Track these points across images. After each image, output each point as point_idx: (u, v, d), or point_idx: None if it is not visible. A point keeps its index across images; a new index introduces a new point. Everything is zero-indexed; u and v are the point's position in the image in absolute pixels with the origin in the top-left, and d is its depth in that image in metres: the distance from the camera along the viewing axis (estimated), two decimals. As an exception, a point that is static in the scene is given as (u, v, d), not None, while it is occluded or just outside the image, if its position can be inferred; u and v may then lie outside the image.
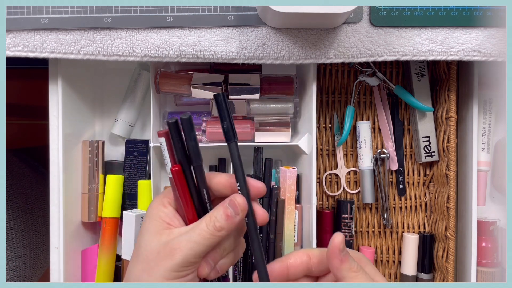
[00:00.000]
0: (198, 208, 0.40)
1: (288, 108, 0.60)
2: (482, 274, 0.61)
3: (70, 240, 0.57)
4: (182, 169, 0.39)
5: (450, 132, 0.59)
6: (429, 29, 0.51)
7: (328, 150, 0.66)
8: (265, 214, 0.40)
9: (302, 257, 0.40)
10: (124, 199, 0.62)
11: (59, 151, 0.55)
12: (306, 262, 0.40)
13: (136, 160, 0.63)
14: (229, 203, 0.39)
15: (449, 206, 0.59)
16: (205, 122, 0.59)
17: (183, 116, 0.37)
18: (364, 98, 0.66)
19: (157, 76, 0.59)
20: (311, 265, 0.40)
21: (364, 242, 0.67)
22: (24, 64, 1.00)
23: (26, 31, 0.50)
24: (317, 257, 0.40)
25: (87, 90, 0.62)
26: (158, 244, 0.38)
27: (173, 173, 0.39)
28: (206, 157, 0.64)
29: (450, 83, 0.58)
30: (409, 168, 0.66)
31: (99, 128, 0.65)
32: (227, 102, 0.38)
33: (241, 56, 0.51)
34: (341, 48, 0.51)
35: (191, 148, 0.38)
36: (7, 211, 0.71)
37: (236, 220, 0.38)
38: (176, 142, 0.38)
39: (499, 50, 0.51)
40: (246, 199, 0.39)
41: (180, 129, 0.38)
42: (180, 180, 0.39)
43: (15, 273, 0.71)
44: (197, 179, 0.40)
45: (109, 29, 0.51)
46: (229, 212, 0.38)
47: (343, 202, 0.63)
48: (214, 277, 0.40)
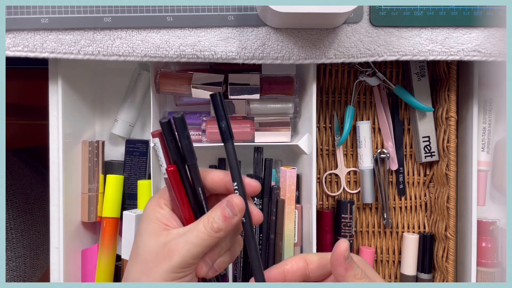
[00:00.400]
0: (194, 207, 0.40)
1: (288, 108, 0.60)
2: (482, 274, 0.61)
3: (70, 240, 0.57)
4: (177, 169, 0.39)
5: (450, 132, 0.59)
6: (429, 29, 0.51)
7: (328, 150, 0.66)
8: (260, 214, 0.40)
9: (299, 263, 0.40)
10: (124, 199, 0.62)
11: (59, 151, 0.55)
12: (303, 268, 0.40)
13: (136, 160, 0.63)
14: (226, 203, 0.39)
15: (449, 206, 0.59)
16: (205, 122, 0.59)
17: (176, 115, 0.38)
18: (364, 98, 0.66)
19: (157, 76, 0.59)
20: (308, 271, 0.40)
21: (364, 242, 0.67)
22: (24, 64, 0.99)
23: (26, 31, 0.50)
24: (315, 263, 0.40)
25: (87, 90, 0.62)
26: (157, 246, 0.38)
27: (168, 173, 0.39)
28: (206, 157, 0.64)
29: (450, 83, 0.58)
30: (409, 168, 0.66)
31: (99, 128, 0.65)
32: (223, 102, 0.38)
33: (241, 56, 0.51)
34: (341, 48, 0.51)
35: (185, 146, 0.38)
36: (7, 211, 0.71)
37: (234, 221, 0.38)
38: (170, 141, 0.38)
39: (499, 50, 0.51)
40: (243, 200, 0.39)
41: (174, 129, 0.38)
42: (176, 180, 0.39)
43: (15, 273, 0.71)
44: (192, 177, 0.40)
45: (109, 29, 0.51)
46: (226, 213, 0.38)
47: (343, 202, 0.63)
48: (212, 276, 0.41)
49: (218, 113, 0.38)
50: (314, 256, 0.40)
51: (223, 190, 0.41)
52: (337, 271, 0.37)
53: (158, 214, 0.40)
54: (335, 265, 0.37)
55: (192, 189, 0.40)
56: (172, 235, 0.39)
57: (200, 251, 0.38)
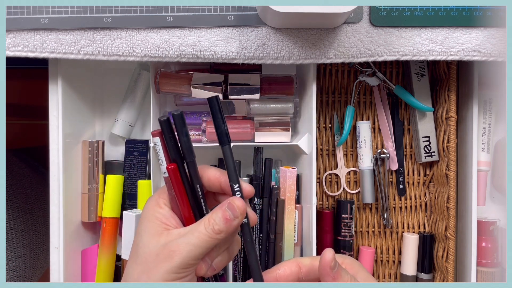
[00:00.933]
0: (193, 205, 0.41)
1: (288, 108, 0.60)
2: (482, 274, 0.61)
3: (70, 240, 0.57)
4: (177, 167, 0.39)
5: (450, 132, 0.59)
6: (429, 29, 0.51)
7: (328, 150, 0.66)
8: (255, 216, 0.41)
9: (291, 267, 0.40)
10: (124, 199, 0.62)
11: (59, 151, 0.55)
12: (296, 272, 0.40)
13: (136, 160, 0.63)
14: (227, 206, 0.39)
15: (449, 206, 0.59)
16: (205, 122, 0.59)
17: (175, 112, 0.38)
18: (364, 98, 0.66)
19: (157, 76, 0.59)
20: (301, 275, 0.40)
21: (364, 242, 0.67)
22: (24, 64, 0.99)
23: (26, 31, 0.50)
24: (307, 267, 0.40)
25: (87, 90, 0.62)
26: (157, 246, 0.38)
27: (169, 171, 0.39)
28: (206, 157, 0.64)
29: (450, 83, 0.58)
30: (409, 168, 0.66)
31: (99, 128, 0.65)
32: (221, 105, 0.39)
33: (241, 56, 0.51)
34: (341, 48, 0.51)
35: (183, 143, 0.39)
36: (7, 211, 0.71)
37: (235, 223, 0.39)
38: (169, 139, 0.38)
39: (499, 50, 0.51)
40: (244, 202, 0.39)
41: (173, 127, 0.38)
42: (176, 178, 0.39)
43: (15, 273, 0.71)
44: (191, 175, 0.40)
45: (109, 29, 0.51)
46: (228, 215, 0.38)
47: (343, 202, 0.63)
48: (210, 275, 0.41)
49: (215, 116, 0.39)
50: (306, 260, 0.41)
51: (218, 189, 0.41)
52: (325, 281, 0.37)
53: (158, 213, 0.40)
54: (323, 275, 0.37)
55: (191, 187, 0.40)
56: (173, 236, 0.39)
57: (201, 252, 0.38)
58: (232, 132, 0.58)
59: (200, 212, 0.41)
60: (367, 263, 0.65)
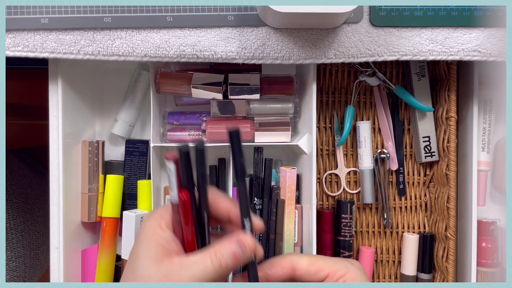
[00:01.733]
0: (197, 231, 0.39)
1: (288, 108, 0.60)
2: (482, 274, 0.61)
3: (70, 240, 0.57)
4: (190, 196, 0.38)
5: (450, 132, 0.59)
6: (429, 29, 0.51)
7: (328, 150, 0.66)
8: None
9: (284, 269, 0.39)
10: (124, 199, 0.62)
11: (59, 151, 0.55)
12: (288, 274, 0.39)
13: (136, 160, 0.63)
14: (238, 242, 0.37)
15: (449, 206, 0.59)
16: (205, 122, 0.59)
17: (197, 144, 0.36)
18: (364, 98, 0.66)
19: (157, 76, 0.59)
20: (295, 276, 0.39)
21: (364, 242, 0.67)
22: (24, 64, 0.99)
23: (26, 31, 0.50)
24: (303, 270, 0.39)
25: (87, 90, 0.62)
26: (157, 275, 0.36)
27: (181, 201, 0.37)
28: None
29: (450, 83, 0.58)
30: (409, 168, 0.66)
31: (99, 128, 0.65)
32: (241, 140, 0.37)
33: (241, 56, 0.51)
34: (341, 48, 0.51)
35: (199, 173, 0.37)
36: (7, 211, 0.71)
37: (243, 259, 0.37)
38: (185, 168, 0.37)
39: (499, 50, 0.51)
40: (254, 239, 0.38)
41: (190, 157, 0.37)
42: (188, 207, 0.38)
43: (15, 273, 0.71)
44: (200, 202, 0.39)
45: (109, 29, 0.51)
46: (237, 252, 0.37)
47: (343, 202, 0.63)
48: None
49: (235, 151, 0.37)
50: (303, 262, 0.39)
51: (224, 218, 0.40)
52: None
53: (159, 236, 0.38)
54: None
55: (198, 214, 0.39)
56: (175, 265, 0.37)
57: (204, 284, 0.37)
58: (232, 132, 0.58)
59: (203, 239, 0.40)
60: (367, 263, 0.65)
